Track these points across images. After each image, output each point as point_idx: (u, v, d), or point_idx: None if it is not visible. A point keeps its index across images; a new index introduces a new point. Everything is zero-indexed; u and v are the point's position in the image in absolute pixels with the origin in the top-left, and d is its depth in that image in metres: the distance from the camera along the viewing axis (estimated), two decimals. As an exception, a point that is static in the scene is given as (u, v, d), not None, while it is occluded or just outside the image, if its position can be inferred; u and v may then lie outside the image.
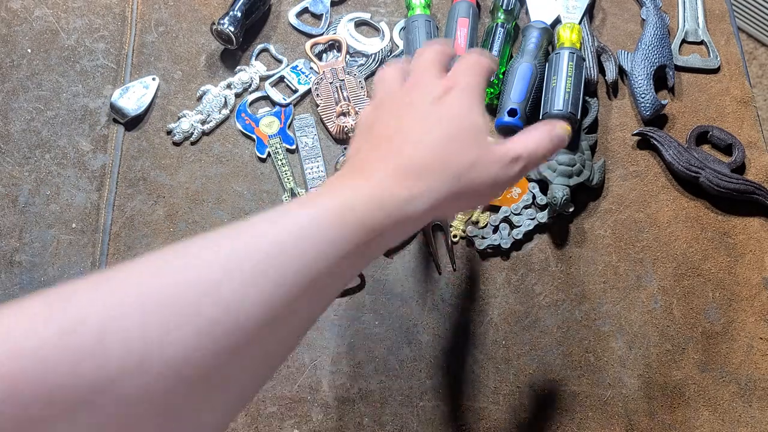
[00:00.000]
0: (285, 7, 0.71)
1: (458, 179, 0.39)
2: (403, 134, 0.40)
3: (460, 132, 0.40)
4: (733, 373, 0.57)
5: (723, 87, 0.69)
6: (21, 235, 0.60)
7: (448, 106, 0.41)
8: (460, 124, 0.40)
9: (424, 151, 0.39)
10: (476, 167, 0.39)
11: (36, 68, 0.67)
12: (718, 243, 0.62)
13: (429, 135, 0.39)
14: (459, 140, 0.40)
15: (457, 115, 0.40)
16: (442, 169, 0.38)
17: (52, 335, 0.26)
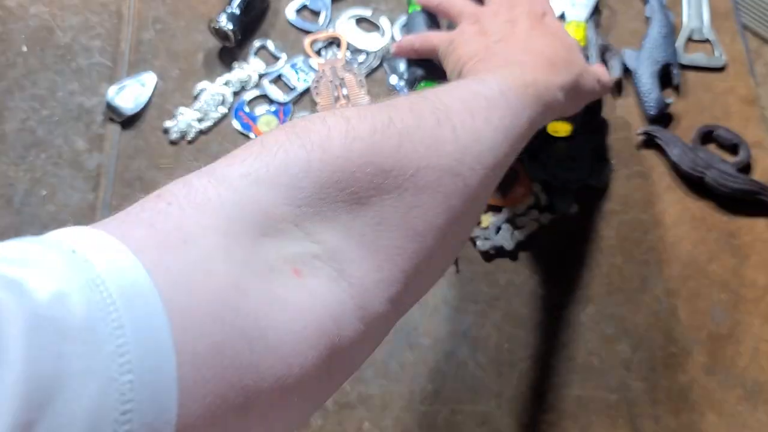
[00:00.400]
0: (284, 3, 0.71)
1: (579, 77, 0.47)
2: (527, 40, 0.47)
3: (569, 45, 0.49)
4: (739, 377, 0.56)
5: (728, 86, 0.68)
6: (17, 235, 0.59)
7: (552, 25, 0.50)
8: (567, 40, 0.49)
9: (553, 50, 0.46)
10: (584, 74, 0.48)
11: (31, 66, 0.66)
12: (723, 244, 0.61)
13: (547, 43, 0.47)
14: (571, 51, 0.49)
15: (563, 32, 0.50)
16: (569, 66, 0.47)
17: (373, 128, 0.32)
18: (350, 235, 0.30)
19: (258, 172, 0.28)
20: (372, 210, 0.30)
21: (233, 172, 0.28)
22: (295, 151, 0.29)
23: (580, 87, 0.48)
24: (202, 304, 0.23)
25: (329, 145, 0.30)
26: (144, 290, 0.22)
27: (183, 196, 0.27)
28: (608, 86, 0.54)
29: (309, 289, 0.27)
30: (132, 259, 0.22)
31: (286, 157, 0.29)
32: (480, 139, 0.36)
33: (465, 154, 0.35)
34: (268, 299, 0.25)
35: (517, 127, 0.39)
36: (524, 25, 0.48)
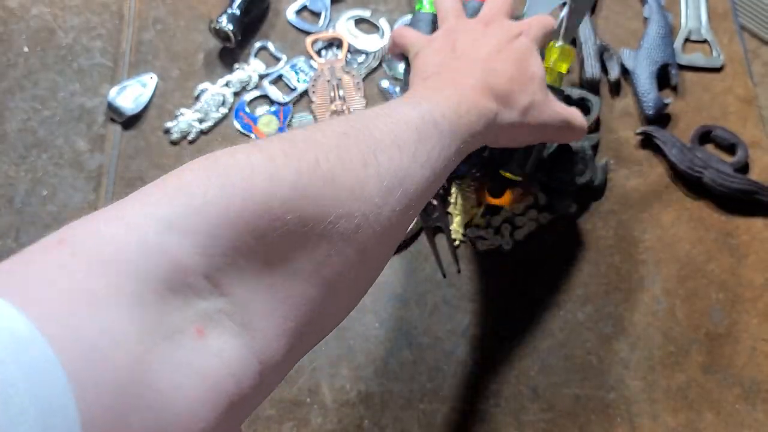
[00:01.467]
0: (284, 4, 0.71)
1: (523, 113, 0.45)
2: (486, 61, 0.46)
3: (529, 75, 0.46)
4: (736, 376, 0.57)
5: (726, 86, 0.68)
6: (17, 235, 0.60)
7: (518, 48, 0.47)
8: (526, 68, 0.47)
9: (503, 80, 0.45)
10: (535, 108, 0.46)
11: (32, 67, 0.67)
12: (721, 244, 0.61)
13: (505, 69, 0.45)
14: (523, 83, 0.46)
15: (525, 58, 0.47)
16: (511, 101, 0.45)
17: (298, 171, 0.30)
18: (260, 287, 0.28)
19: (171, 218, 0.26)
20: (287, 260, 0.29)
21: (145, 217, 0.26)
22: (214, 194, 0.27)
23: (529, 121, 0.46)
24: (107, 379, 0.22)
25: (251, 189, 0.28)
26: (47, 367, 0.20)
27: (90, 247, 0.25)
28: (580, 130, 0.50)
29: (211, 350, 0.26)
30: (32, 332, 0.21)
31: (204, 201, 0.27)
32: (405, 178, 0.35)
33: (388, 195, 0.33)
34: (172, 366, 0.25)
35: (445, 158, 0.38)
36: (490, 46, 0.47)
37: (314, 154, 0.31)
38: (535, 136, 0.48)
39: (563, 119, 0.48)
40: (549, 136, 0.50)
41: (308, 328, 0.31)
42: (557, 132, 0.49)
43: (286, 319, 0.29)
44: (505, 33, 0.48)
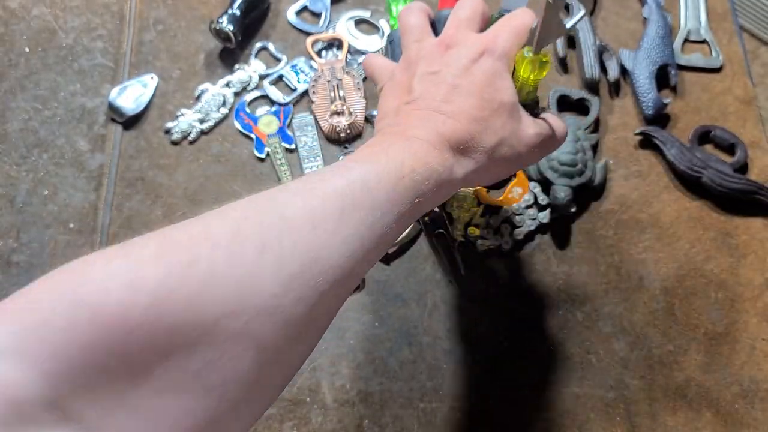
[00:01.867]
0: (284, 5, 0.71)
1: (489, 156, 0.40)
2: (439, 104, 0.41)
3: (488, 111, 0.40)
4: (735, 375, 0.57)
5: (725, 86, 0.68)
6: (18, 235, 0.60)
7: (481, 74, 0.41)
8: (490, 101, 0.40)
9: (458, 125, 0.40)
10: (503, 146, 0.41)
11: (33, 67, 0.67)
12: (720, 243, 0.61)
13: (463, 109, 0.40)
14: (488, 119, 0.40)
15: (490, 84, 0.41)
16: (474, 145, 0.40)
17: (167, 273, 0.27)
18: (121, 408, 0.25)
19: (11, 342, 0.24)
20: (153, 374, 0.26)
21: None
22: (60, 310, 0.24)
23: (500, 158, 0.41)
24: None
25: (104, 301, 0.25)
26: None
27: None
28: (562, 137, 0.44)
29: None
30: None
31: (46, 320, 0.24)
32: (318, 260, 0.31)
33: (291, 283, 0.30)
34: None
35: (382, 227, 0.34)
36: (449, 77, 0.41)
37: (194, 251, 0.28)
38: (512, 168, 0.43)
39: (540, 139, 0.42)
40: (530, 161, 0.44)
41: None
42: (538, 154, 0.43)
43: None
44: (465, 56, 0.41)
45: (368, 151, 0.38)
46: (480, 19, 0.44)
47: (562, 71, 0.68)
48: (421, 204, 0.37)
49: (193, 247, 0.28)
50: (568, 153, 0.60)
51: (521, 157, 0.42)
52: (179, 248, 0.28)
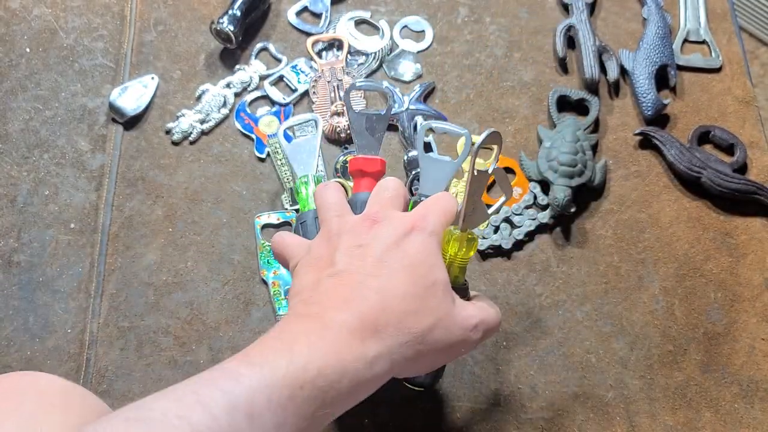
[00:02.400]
0: (284, 5, 0.71)
1: (421, 340, 0.36)
2: (365, 278, 0.37)
3: (421, 288, 0.37)
4: (735, 374, 0.57)
5: (725, 86, 0.68)
6: (19, 235, 0.60)
7: (412, 251, 0.38)
8: (423, 278, 0.37)
9: (386, 303, 0.36)
10: (438, 329, 0.37)
11: (34, 67, 0.67)
12: (719, 243, 0.62)
13: (390, 287, 0.36)
14: (421, 297, 0.37)
15: (419, 264, 0.38)
16: (404, 328, 0.36)
17: None
18: None
19: None
20: None
21: None
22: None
23: (432, 347, 0.37)
24: None
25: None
26: None
27: None
28: (495, 328, 0.41)
29: None
30: None
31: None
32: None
33: None
34: None
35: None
36: (377, 250, 0.38)
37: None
38: (444, 357, 0.39)
39: (478, 321, 0.39)
40: (464, 350, 0.40)
41: None
42: (474, 341, 0.39)
43: None
44: (394, 232, 0.39)
45: (269, 345, 0.33)
46: (403, 200, 0.43)
47: (562, 72, 0.69)
48: (324, 416, 0.33)
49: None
50: (567, 153, 0.61)
51: (457, 344, 0.38)
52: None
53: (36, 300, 0.57)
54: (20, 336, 0.56)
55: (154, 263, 0.59)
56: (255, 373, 0.31)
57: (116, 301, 0.58)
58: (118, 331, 0.57)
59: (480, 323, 0.39)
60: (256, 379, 0.31)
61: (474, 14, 0.71)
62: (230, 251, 0.60)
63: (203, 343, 0.56)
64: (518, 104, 0.67)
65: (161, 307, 0.58)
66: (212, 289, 0.58)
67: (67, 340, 0.56)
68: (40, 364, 0.55)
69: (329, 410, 0.33)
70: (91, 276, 0.58)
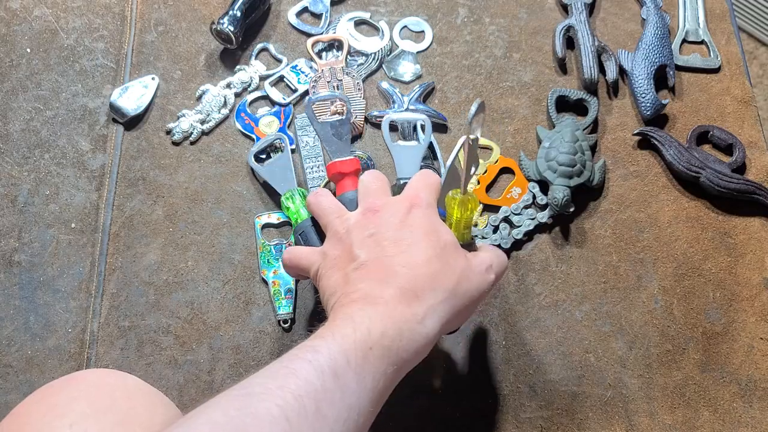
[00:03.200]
0: (285, 6, 0.71)
1: (453, 294, 0.41)
2: (389, 258, 0.41)
3: (438, 250, 0.42)
4: (733, 374, 0.57)
5: (723, 87, 0.69)
6: (20, 234, 0.60)
7: (418, 225, 0.43)
8: (436, 243, 0.42)
9: (416, 272, 0.40)
10: (463, 281, 0.42)
11: (35, 68, 0.67)
12: (718, 243, 0.62)
13: (412, 259, 0.41)
14: (441, 258, 0.41)
15: (429, 232, 0.43)
16: (437, 287, 0.40)
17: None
18: None
19: None
20: None
21: None
22: None
23: (458, 303, 0.41)
24: None
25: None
26: None
27: None
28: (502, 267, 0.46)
29: None
30: None
31: None
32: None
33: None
34: None
35: (357, 407, 0.35)
36: (389, 233, 0.42)
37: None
38: (475, 303, 0.44)
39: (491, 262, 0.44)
40: (487, 292, 0.44)
41: None
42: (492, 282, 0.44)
43: None
44: (396, 214, 0.44)
45: (333, 324, 0.38)
46: (388, 187, 0.48)
47: (561, 72, 0.69)
48: (395, 373, 0.38)
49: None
50: (566, 153, 0.61)
51: (479, 289, 0.43)
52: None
53: (37, 299, 0.58)
54: (21, 335, 0.56)
55: (154, 263, 0.59)
56: (330, 343, 0.36)
57: (117, 300, 0.58)
58: (119, 331, 0.57)
59: (491, 264, 0.44)
60: (333, 347, 0.36)
61: (473, 15, 0.72)
62: (230, 251, 0.60)
63: (204, 343, 0.57)
64: (517, 104, 0.67)
65: (162, 307, 0.58)
66: (213, 288, 0.59)
67: (68, 339, 0.56)
68: (41, 364, 0.55)
69: (397, 367, 0.38)
70: (91, 275, 0.59)
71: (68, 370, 0.55)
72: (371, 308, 0.38)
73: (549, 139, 0.63)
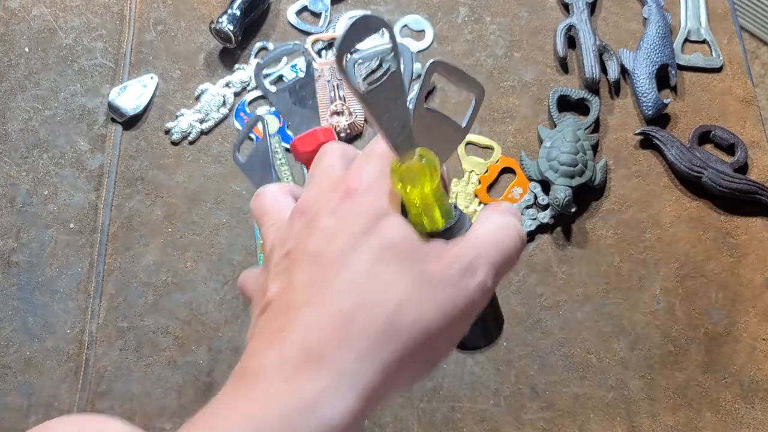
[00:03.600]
0: (284, 5, 0.71)
1: (388, 337, 0.24)
2: (294, 294, 0.26)
3: (368, 264, 0.25)
4: (735, 375, 0.57)
5: (725, 86, 0.68)
6: (18, 235, 0.60)
7: (347, 225, 0.26)
8: (368, 251, 0.26)
9: (323, 314, 0.25)
10: (409, 307, 0.25)
11: (34, 67, 0.67)
12: (720, 243, 0.61)
13: (325, 285, 0.25)
14: (371, 278, 0.25)
15: (362, 233, 0.26)
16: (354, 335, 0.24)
17: None
18: None
19: None
20: None
21: None
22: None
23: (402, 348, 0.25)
24: None
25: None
26: None
27: None
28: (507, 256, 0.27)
29: None
30: None
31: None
32: None
33: None
34: None
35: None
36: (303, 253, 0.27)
37: None
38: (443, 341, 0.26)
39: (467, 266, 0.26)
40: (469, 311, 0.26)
41: None
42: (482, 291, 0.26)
43: None
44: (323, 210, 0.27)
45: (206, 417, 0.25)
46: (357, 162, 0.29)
47: (563, 71, 0.68)
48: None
49: None
50: (568, 153, 0.60)
51: (455, 305, 0.26)
52: None
53: (35, 300, 0.57)
54: (19, 336, 0.56)
55: (153, 263, 0.59)
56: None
57: (115, 301, 0.57)
58: (118, 332, 0.57)
59: (476, 259, 0.26)
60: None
61: (474, 14, 0.71)
62: (230, 251, 0.60)
63: (203, 344, 0.56)
64: (519, 104, 0.67)
65: (160, 308, 0.57)
66: (212, 289, 0.58)
67: (66, 340, 0.56)
68: (39, 365, 0.55)
69: None
70: (90, 276, 0.58)
71: (67, 372, 0.55)
72: (248, 392, 0.25)
73: (550, 138, 0.62)
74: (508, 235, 0.27)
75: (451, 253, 0.26)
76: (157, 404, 0.55)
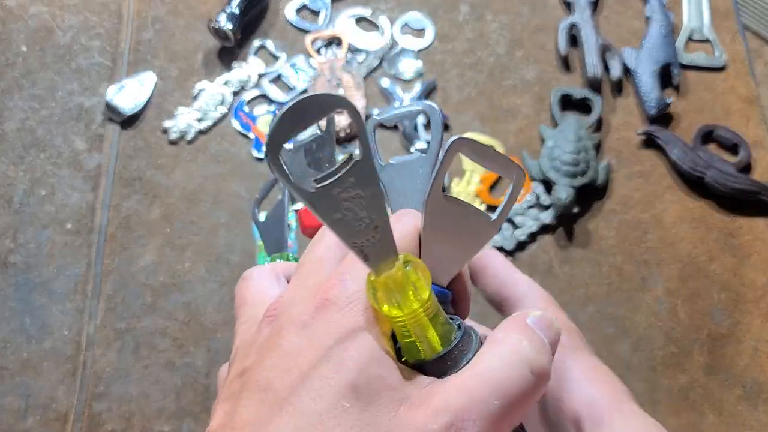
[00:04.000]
0: (283, 3, 0.70)
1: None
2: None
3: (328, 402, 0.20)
4: (738, 376, 0.56)
5: (728, 85, 0.68)
6: (15, 235, 0.59)
7: (318, 337, 0.21)
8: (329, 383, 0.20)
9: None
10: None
11: (31, 66, 0.66)
12: (723, 244, 0.61)
13: (267, 426, 0.20)
14: (322, 426, 0.20)
15: (326, 357, 0.21)
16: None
17: None
18: None
19: None
20: None
21: None
22: None
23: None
24: None
25: None
26: None
27: None
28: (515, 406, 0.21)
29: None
30: None
31: None
32: None
33: None
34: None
35: None
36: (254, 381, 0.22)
37: None
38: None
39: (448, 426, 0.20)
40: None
41: None
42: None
43: None
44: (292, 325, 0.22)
45: None
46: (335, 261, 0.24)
47: (565, 70, 0.68)
48: None
49: None
50: (570, 152, 0.60)
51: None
52: None
53: (32, 301, 0.57)
54: (17, 338, 0.56)
55: (151, 264, 0.58)
56: None
57: (113, 302, 0.57)
58: (115, 333, 0.56)
59: (463, 413, 0.20)
60: None
61: (475, 12, 0.71)
62: (228, 252, 0.59)
63: (201, 345, 0.56)
64: (520, 103, 0.66)
65: (159, 309, 0.57)
66: (210, 290, 0.58)
67: (64, 341, 0.56)
68: (37, 366, 0.55)
69: None
70: (87, 277, 0.58)
71: (65, 373, 0.55)
72: None
73: (552, 138, 0.62)
74: (516, 374, 0.21)
75: (434, 400, 0.20)
76: (156, 406, 0.54)
